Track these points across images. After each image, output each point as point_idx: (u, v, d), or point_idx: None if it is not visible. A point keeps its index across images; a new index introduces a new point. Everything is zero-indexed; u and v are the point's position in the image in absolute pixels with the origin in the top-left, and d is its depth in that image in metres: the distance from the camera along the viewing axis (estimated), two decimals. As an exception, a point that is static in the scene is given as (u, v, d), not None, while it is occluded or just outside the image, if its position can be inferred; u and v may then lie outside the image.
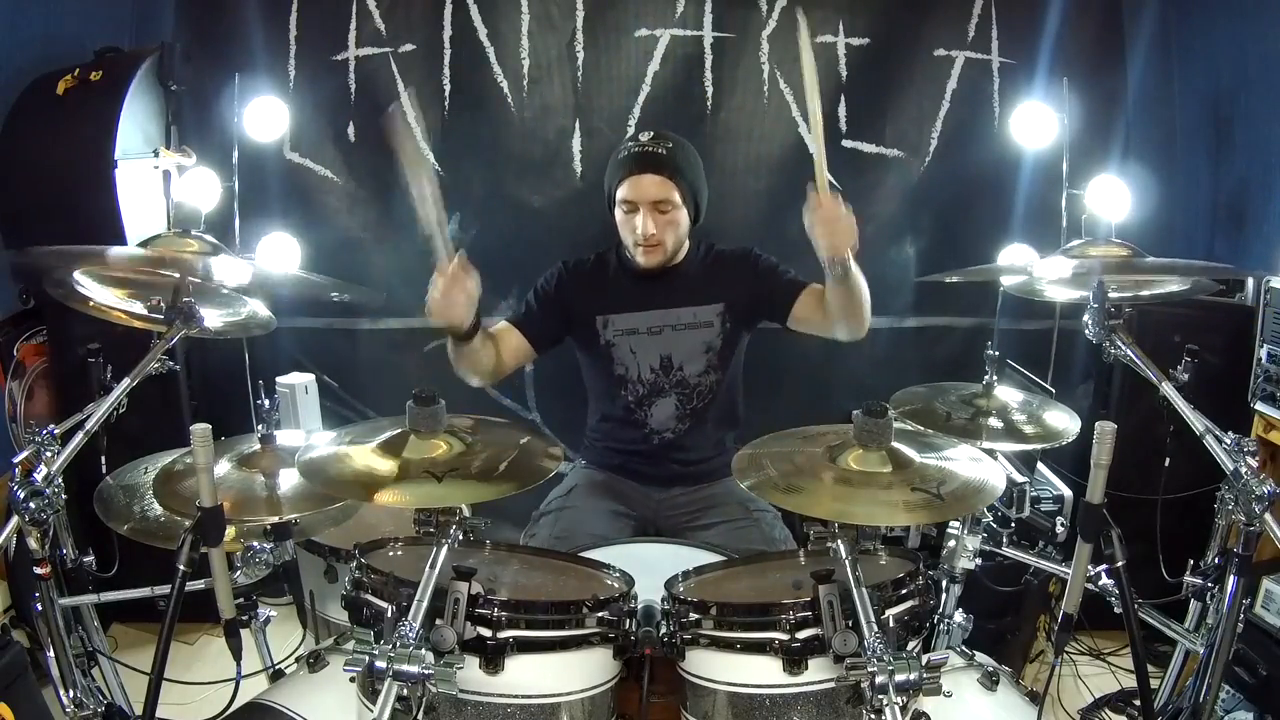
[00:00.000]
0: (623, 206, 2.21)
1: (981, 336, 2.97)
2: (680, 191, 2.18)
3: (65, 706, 1.77)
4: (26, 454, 1.55)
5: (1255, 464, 1.50)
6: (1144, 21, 2.99)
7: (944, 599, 1.87)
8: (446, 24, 2.92)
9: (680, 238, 2.26)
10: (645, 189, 2.17)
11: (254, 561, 1.71)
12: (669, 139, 2.21)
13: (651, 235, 2.18)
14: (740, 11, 2.94)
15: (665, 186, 2.16)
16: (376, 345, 3.03)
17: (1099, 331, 1.69)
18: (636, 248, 2.23)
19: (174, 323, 1.67)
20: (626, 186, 2.18)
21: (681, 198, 2.19)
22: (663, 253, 2.23)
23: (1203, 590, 1.74)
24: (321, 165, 2.98)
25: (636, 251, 2.24)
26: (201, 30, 2.90)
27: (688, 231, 2.28)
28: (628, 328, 2.31)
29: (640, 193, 2.17)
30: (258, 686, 1.75)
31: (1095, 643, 2.67)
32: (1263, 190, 2.72)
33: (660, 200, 2.17)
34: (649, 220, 2.17)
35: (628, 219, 2.21)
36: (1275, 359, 2.34)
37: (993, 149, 3.00)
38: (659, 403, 2.33)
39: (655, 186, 2.16)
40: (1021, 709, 1.70)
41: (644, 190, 2.17)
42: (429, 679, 1.25)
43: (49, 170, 2.52)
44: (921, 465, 1.50)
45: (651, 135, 2.21)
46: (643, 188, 2.17)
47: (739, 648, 1.43)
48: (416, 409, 1.51)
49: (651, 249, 2.21)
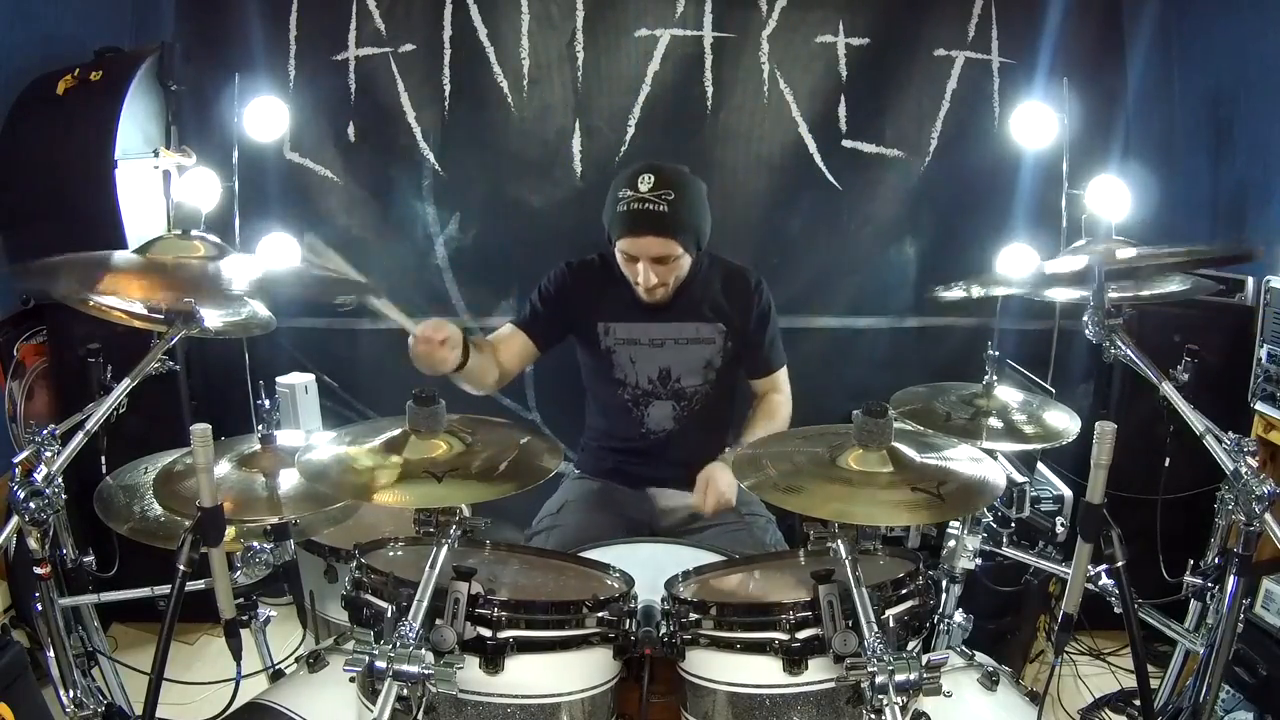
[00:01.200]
0: (622, 255, 2.19)
1: (982, 336, 2.97)
2: (683, 244, 2.15)
3: (65, 706, 1.77)
4: (26, 454, 1.55)
5: (1255, 464, 1.50)
6: (1144, 21, 2.99)
7: (944, 599, 1.87)
8: (446, 24, 2.92)
9: (682, 276, 2.24)
10: (645, 248, 2.13)
11: (254, 561, 1.71)
12: (670, 184, 2.10)
13: (653, 285, 2.17)
14: (740, 11, 2.94)
15: (666, 245, 2.13)
16: (376, 345, 3.04)
17: (1099, 331, 1.68)
18: (637, 286, 2.22)
19: (174, 323, 1.67)
20: (626, 243, 2.15)
21: (684, 248, 2.16)
22: (664, 293, 2.23)
23: (1203, 590, 1.74)
24: (321, 165, 2.98)
25: (639, 291, 2.23)
26: (201, 30, 2.90)
27: (689, 267, 2.25)
28: (628, 338, 2.31)
29: (640, 251, 2.14)
30: (258, 686, 1.75)
31: (1095, 643, 2.67)
32: (1263, 190, 2.72)
33: (661, 256, 2.15)
34: (650, 272, 2.15)
35: (629, 264, 2.20)
36: (1275, 359, 2.34)
37: (993, 149, 3.00)
38: (656, 403, 2.34)
39: (655, 246, 2.13)
40: (1021, 709, 1.70)
41: (644, 249, 2.14)
42: (429, 679, 1.25)
43: (49, 170, 2.52)
44: (921, 465, 1.50)
45: (652, 183, 2.10)
46: (642, 247, 2.14)
47: (739, 648, 1.43)
48: (416, 409, 1.50)
49: (653, 291, 2.20)
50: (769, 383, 2.43)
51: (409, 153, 2.97)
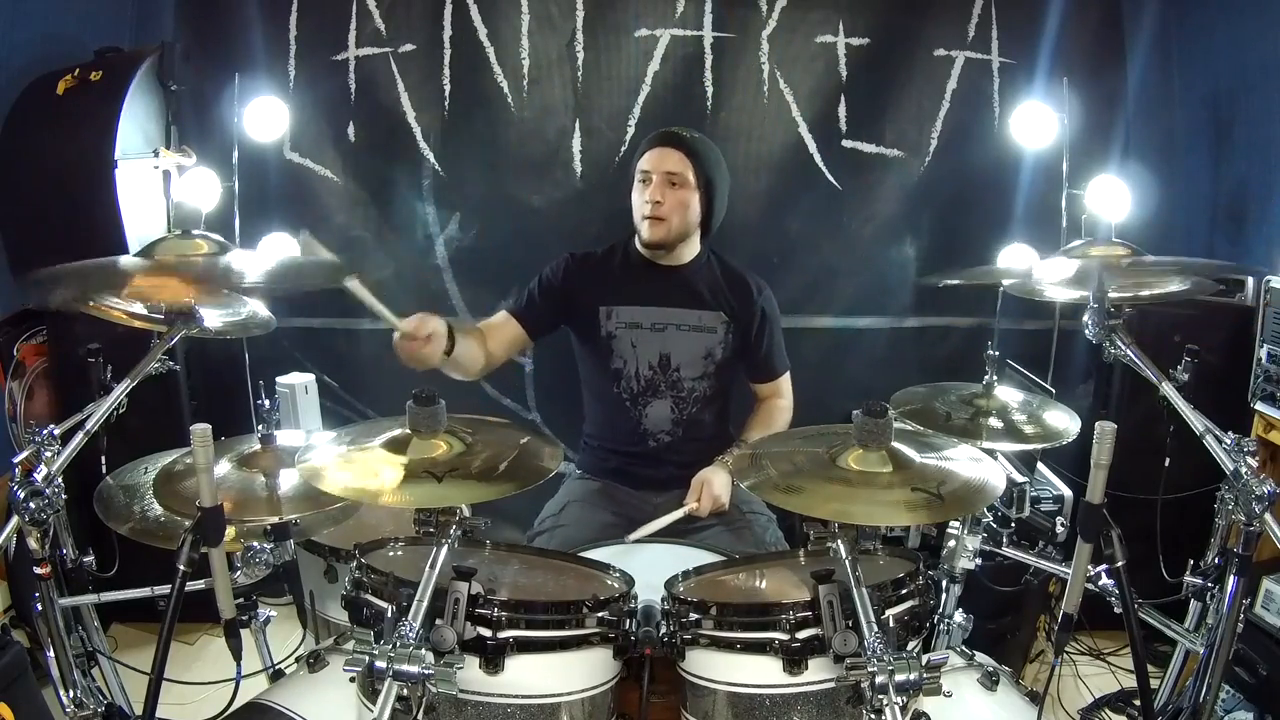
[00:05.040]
0: (639, 176, 2.31)
1: (981, 336, 2.98)
2: (695, 173, 2.27)
3: (65, 706, 1.77)
4: (26, 454, 1.55)
5: (1255, 464, 1.50)
6: (1144, 21, 2.99)
7: (944, 599, 1.87)
8: (446, 24, 2.92)
9: (686, 222, 2.29)
10: (662, 159, 2.28)
11: (254, 561, 1.71)
12: (700, 135, 2.36)
13: (659, 203, 2.24)
14: (740, 11, 2.94)
15: (682, 163, 2.27)
16: (376, 345, 3.03)
17: (1099, 331, 1.68)
18: (643, 221, 2.28)
19: (174, 323, 1.67)
20: (646, 158, 2.31)
21: (695, 180, 2.28)
22: (666, 229, 2.27)
23: (1203, 590, 1.74)
24: (321, 165, 2.98)
25: (643, 226, 2.29)
26: (201, 30, 2.90)
27: (696, 221, 2.32)
28: (631, 321, 2.32)
29: (657, 163, 2.28)
30: (258, 686, 1.75)
31: (1095, 643, 2.67)
32: (1263, 190, 2.72)
33: (673, 172, 2.26)
34: (659, 189, 2.25)
35: (641, 189, 2.30)
36: (1275, 359, 2.34)
37: (993, 149, 3.00)
38: (654, 403, 2.33)
39: (672, 159, 2.27)
40: (1021, 709, 1.70)
41: (660, 160, 2.28)
42: (429, 679, 1.25)
43: (49, 170, 2.52)
44: (921, 465, 1.50)
45: (683, 127, 2.36)
46: (660, 158, 2.28)
47: (739, 648, 1.43)
48: (416, 409, 1.50)
49: (656, 222, 2.26)
50: (772, 388, 2.44)
51: (409, 153, 2.97)
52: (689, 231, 2.32)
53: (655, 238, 2.28)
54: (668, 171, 2.26)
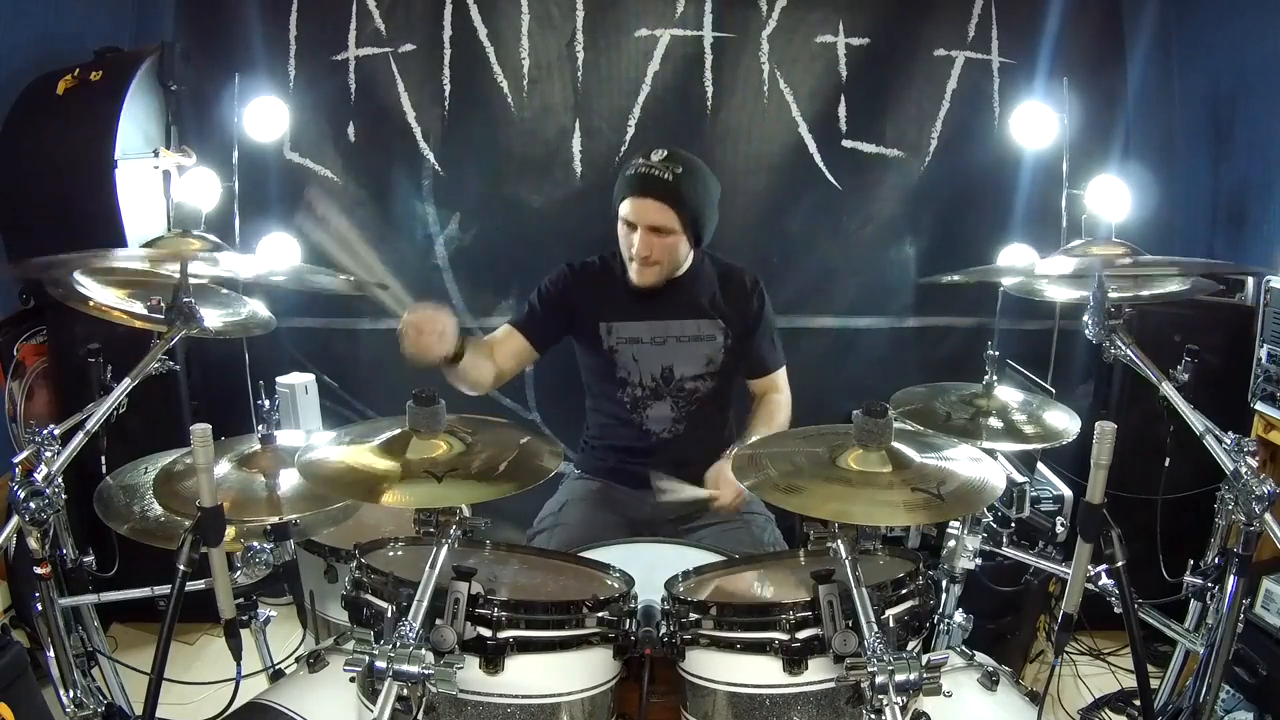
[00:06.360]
0: (623, 223, 2.22)
1: (981, 336, 2.97)
2: (681, 220, 2.17)
3: (65, 706, 1.77)
4: (26, 454, 1.55)
5: (1255, 464, 1.50)
6: (1144, 21, 2.99)
7: (944, 599, 1.87)
8: (446, 24, 2.92)
9: (677, 260, 2.26)
10: (644, 212, 2.16)
11: (254, 561, 1.71)
12: (680, 163, 2.16)
13: (645, 256, 2.19)
14: (740, 11, 2.94)
15: (665, 214, 2.15)
16: (376, 345, 3.04)
17: (1099, 331, 1.68)
18: (632, 263, 2.23)
19: (174, 323, 1.67)
20: (627, 206, 2.18)
21: (681, 225, 2.18)
22: (657, 273, 2.23)
23: (1203, 590, 1.74)
24: (321, 165, 2.98)
25: (632, 268, 2.24)
26: (201, 30, 2.90)
27: (686, 255, 2.28)
28: (631, 336, 2.32)
29: (639, 215, 2.16)
30: (258, 686, 1.75)
31: (1095, 643, 2.67)
32: (1263, 190, 2.72)
33: (658, 225, 2.16)
34: (644, 241, 2.17)
35: (627, 235, 2.22)
36: (1275, 359, 2.34)
37: (993, 149, 3.00)
38: (655, 404, 2.34)
39: (654, 212, 2.15)
40: (1021, 709, 1.70)
41: (643, 213, 2.16)
42: (429, 679, 1.25)
43: (49, 170, 2.51)
44: (921, 465, 1.50)
45: (664, 156, 2.16)
46: (642, 210, 2.16)
47: (739, 648, 1.43)
48: (416, 409, 1.50)
49: (645, 267, 2.22)
50: (767, 383, 2.43)
51: (409, 153, 2.97)
52: (680, 264, 2.29)
53: (647, 282, 2.24)
54: (650, 226, 2.16)
